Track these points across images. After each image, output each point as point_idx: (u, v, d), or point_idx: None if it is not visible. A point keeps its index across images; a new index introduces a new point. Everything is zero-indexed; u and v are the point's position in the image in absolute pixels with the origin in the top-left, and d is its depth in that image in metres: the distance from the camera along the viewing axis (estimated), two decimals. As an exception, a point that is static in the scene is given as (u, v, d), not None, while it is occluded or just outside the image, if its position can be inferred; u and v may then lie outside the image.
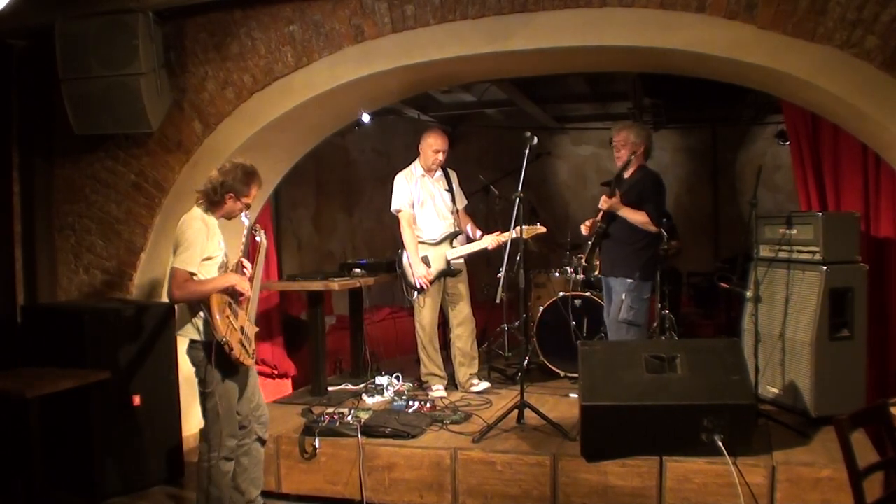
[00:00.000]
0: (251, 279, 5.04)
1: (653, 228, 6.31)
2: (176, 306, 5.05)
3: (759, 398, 5.89)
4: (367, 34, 6.13)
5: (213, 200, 4.90)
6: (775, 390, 6.02)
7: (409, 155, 7.22)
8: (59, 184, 7.08)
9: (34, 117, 6.98)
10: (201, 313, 4.79)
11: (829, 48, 5.21)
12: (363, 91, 6.65)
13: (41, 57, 6.67)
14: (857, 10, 5.11)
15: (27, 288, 6.99)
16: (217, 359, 4.75)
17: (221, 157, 6.58)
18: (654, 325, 7.43)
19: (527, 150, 5.98)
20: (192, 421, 6.58)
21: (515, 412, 5.92)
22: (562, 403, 6.47)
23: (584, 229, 6.65)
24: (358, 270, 7.41)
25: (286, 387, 8.04)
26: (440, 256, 6.89)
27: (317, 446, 5.72)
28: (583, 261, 6.78)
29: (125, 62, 6.23)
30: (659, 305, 7.34)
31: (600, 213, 6.44)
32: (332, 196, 10.98)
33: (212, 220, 4.93)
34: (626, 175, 6.53)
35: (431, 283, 6.88)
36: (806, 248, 5.84)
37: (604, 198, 6.37)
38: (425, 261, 6.86)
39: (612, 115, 11.93)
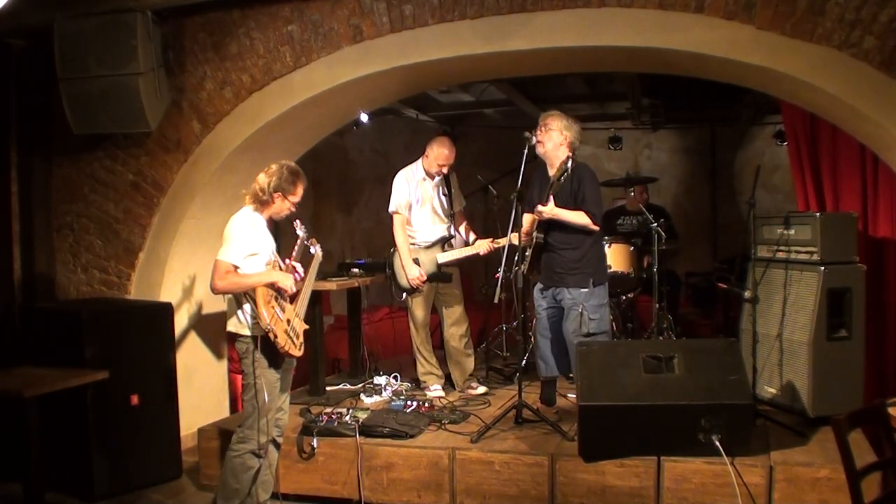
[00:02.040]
0: (300, 281, 5.33)
1: (595, 228, 6.06)
2: (227, 301, 5.21)
3: (757, 398, 5.89)
4: (365, 34, 6.13)
5: (262, 200, 5.13)
6: (773, 390, 6.02)
7: (408, 155, 7.22)
8: (58, 183, 7.08)
9: (33, 117, 6.99)
10: (246, 306, 4.99)
11: (828, 48, 5.22)
12: (362, 91, 6.65)
13: (40, 56, 6.68)
14: (855, 11, 5.11)
15: (25, 287, 6.98)
16: (262, 349, 4.97)
17: (220, 156, 6.61)
18: (652, 325, 7.43)
19: (525, 150, 5.97)
20: (191, 420, 6.59)
21: (513, 412, 5.92)
22: (560, 403, 6.46)
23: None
24: (356, 270, 7.41)
25: (289, 387, 8.04)
26: (431, 260, 6.87)
27: (315, 446, 5.72)
28: (519, 275, 6.00)
29: (124, 62, 6.23)
30: (657, 305, 7.34)
31: (531, 223, 6.11)
32: (330, 196, 10.98)
33: (258, 220, 5.16)
34: (552, 173, 6.11)
35: (418, 288, 6.88)
36: (804, 249, 5.84)
37: (539, 207, 5.95)
38: (416, 263, 6.86)
39: (611, 115, 11.94)
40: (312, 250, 5.61)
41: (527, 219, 6.26)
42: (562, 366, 6.36)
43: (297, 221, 5.44)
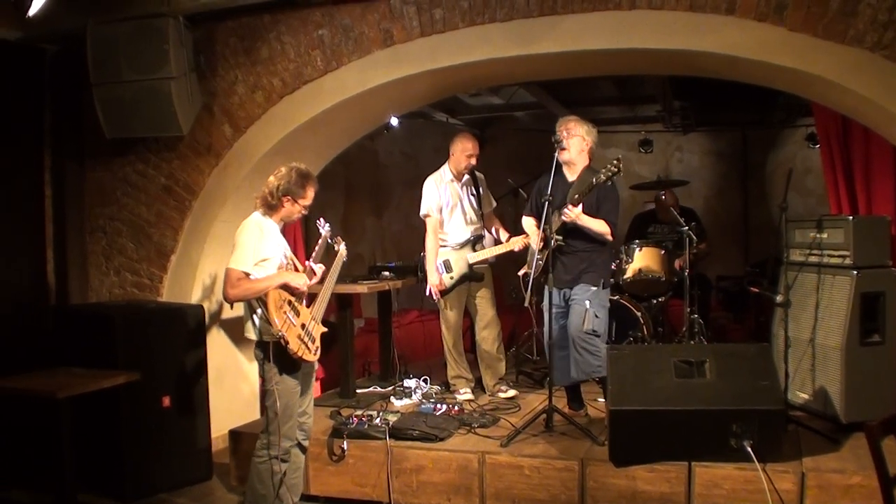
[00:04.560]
0: (320, 282, 5.30)
1: (610, 239, 6.07)
2: (243, 307, 5.19)
3: (789, 404, 5.85)
4: (395, 38, 6.14)
5: (271, 204, 5.07)
6: (805, 396, 5.96)
7: (438, 158, 7.22)
8: (91, 187, 7.15)
9: (66, 121, 7.07)
10: (259, 311, 4.94)
11: (860, 50, 5.17)
12: (392, 95, 6.66)
13: (73, 61, 6.75)
14: (888, 12, 5.06)
15: (58, 290, 7.07)
16: (275, 355, 4.90)
17: (251, 160, 6.64)
18: (683, 329, 7.38)
19: (556, 154, 5.96)
20: (222, 422, 6.61)
21: (543, 416, 5.90)
22: (590, 407, 6.43)
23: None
24: (386, 273, 7.42)
25: (315, 389, 8.04)
26: (462, 260, 6.87)
27: (345, 448, 5.73)
28: (529, 278, 5.98)
29: (156, 66, 6.28)
30: (688, 309, 7.29)
31: (557, 224, 6.02)
32: (360, 199, 11.00)
33: (269, 224, 5.08)
34: (573, 178, 6.15)
35: (452, 288, 6.88)
36: (836, 253, 5.78)
37: (570, 207, 5.85)
38: (446, 265, 6.86)
39: (641, 117, 11.90)
40: (337, 248, 5.59)
41: (530, 223, 6.36)
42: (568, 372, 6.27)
43: (321, 220, 5.43)
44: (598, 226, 5.96)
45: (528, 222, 6.44)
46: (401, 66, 6.20)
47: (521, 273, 6.39)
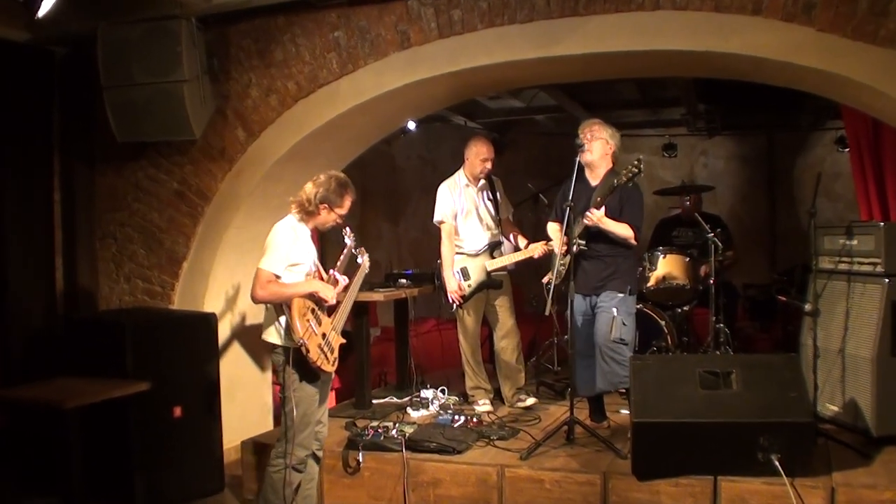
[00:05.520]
0: (343, 292, 5.38)
1: (634, 243, 6.08)
2: (264, 310, 5.26)
3: (818, 416, 5.81)
4: (413, 40, 6.14)
5: (308, 210, 5.16)
6: (835, 408, 5.93)
7: (456, 163, 7.22)
8: (101, 192, 7.17)
9: (76, 125, 7.08)
10: (283, 318, 5.01)
11: (892, 51, 5.12)
12: (409, 98, 6.66)
13: (83, 64, 6.76)
14: (920, 12, 5.03)
15: (67, 297, 7.08)
16: (295, 362, 4.98)
17: (265, 165, 6.65)
18: (709, 339, 7.34)
19: (577, 158, 5.95)
20: (235, 433, 6.62)
21: (565, 428, 5.88)
22: (613, 419, 6.41)
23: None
24: (403, 281, 7.43)
25: (330, 399, 8.04)
26: (480, 268, 6.86)
27: (360, 461, 5.74)
28: (550, 286, 6.11)
29: (168, 69, 6.28)
30: (713, 318, 7.26)
31: (580, 229, 6.00)
32: (376, 205, 11.01)
33: (302, 230, 5.21)
34: (596, 183, 6.16)
35: (471, 296, 6.87)
36: (867, 260, 5.75)
37: (592, 210, 5.86)
38: (463, 272, 6.85)
39: (664, 121, 11.87)
40: (360, 260, 5.63)
41: (555, 228, 6.33)
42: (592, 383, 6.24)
43: (347, 230, 5.48)
44: (622, 229, 5.96)
45: (552, 228, 6.45)
46: (418, 68, 6.20)
47: (544, 280, 6.37)
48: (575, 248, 5.94)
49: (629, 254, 6.16)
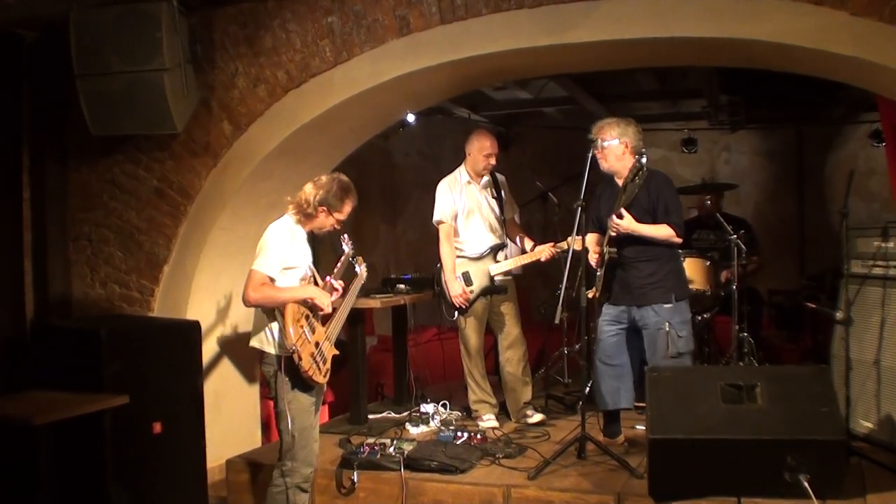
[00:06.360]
0: (339, 300, 5.42)
1: (678, 241, 6.04)
2: (253, 314, 5.30)
3: (851, 433, 5.81)
4: (413, 26, 6.14)
5: (306, 213, 5.24)
6: (869, 425, 5.92)
7: (459, 158, 7.23)
8: (74, 189, 7.15)
9: (46, 116, 7.05)
10: (275, 324, 5.05)
11: (932, 37, 5.13)
12: (409, 88, 6.67)
13: (54, 50, 6.74)
14: (964, -6, 5.02)
15: (38, 303, 7.04)
16: (287, 370, 5.01)
17: (253, 161, 6.65)
18: (731, 349, 7.34)
19: (589, 154, 5.95)
20: (219, 450, 6.61)
21: (576, 445, 5.88)
22: (628, 436, 6.40)
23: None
24: (402, 286, 7.43)
25: (323, 414, 8.05)
26: (482, 272, 6.86)
27: (355, 480, 5.74)
28: (584, 295, 6.02)
29: (147, 57, 6.26)
30: (737, 327, 7.26)
31: (597, 241, 6.09)
32: (373, 204, 11.01)
33: (299, 232, 5.27)
34: (621, 183, 6.04)
35: (472, 304, 6.86)
36: (904, 264, 5.75)
37: (615, 220, 5.85)
38: (465, 277, 6.84)
39: (684, 114, 11.88)
40: (357, 269, 5.67)
41: (592, 238, 6.23)
42: (628, 395, 6.23)
43: (345, 236, 5.52)
44: (659, 231, 5.93)
45: (590, 239, 6.26)
46: (418, 56, 6.20)
47: (558, 293, 6.28)
48: (607, 256, 5.93)
49: (669, 255, 6.10)
